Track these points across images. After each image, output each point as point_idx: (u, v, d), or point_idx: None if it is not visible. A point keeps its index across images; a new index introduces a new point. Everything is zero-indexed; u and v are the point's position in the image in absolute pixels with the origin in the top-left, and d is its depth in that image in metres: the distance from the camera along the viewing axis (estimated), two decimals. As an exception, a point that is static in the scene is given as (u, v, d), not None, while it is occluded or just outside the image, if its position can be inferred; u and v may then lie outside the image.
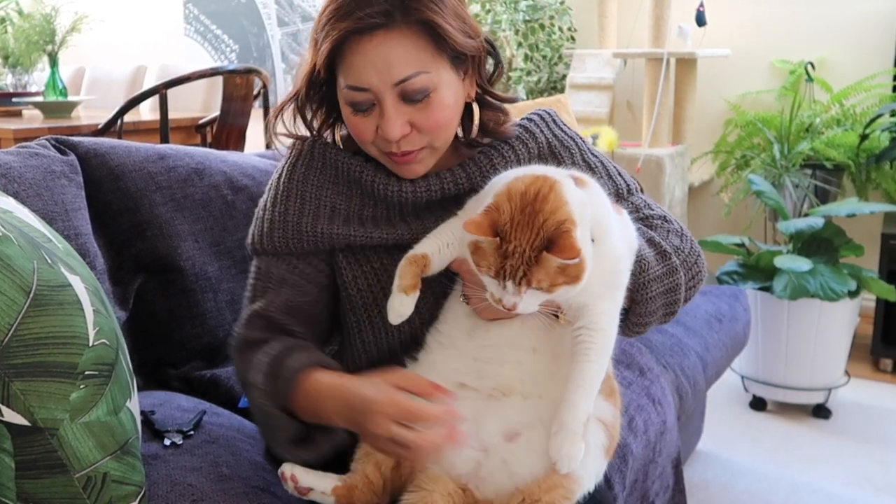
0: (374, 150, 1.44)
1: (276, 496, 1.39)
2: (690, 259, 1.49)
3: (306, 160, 1.51)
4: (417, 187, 1.46)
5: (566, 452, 1.23)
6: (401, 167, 1.44)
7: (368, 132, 1.39)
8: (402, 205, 1.47)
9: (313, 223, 1.45)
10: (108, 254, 1.92)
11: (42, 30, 4.49)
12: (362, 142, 1.43)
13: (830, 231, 3.31)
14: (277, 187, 1.50)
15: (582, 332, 1.27)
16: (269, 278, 1.46)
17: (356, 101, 1.37)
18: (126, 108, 3.74)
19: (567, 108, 2.98)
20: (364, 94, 1.36)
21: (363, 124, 1.39)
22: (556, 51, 4.70)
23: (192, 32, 6.62)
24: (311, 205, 1.47)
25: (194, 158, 2.13)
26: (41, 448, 1.07)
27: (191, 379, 2.00)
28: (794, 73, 4.29)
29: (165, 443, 1.49)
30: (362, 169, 1.47)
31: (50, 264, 1.15)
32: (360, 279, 1.46)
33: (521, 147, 1.53)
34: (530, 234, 1.19)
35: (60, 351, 1.09)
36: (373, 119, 1.38)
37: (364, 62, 1.33)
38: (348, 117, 1.41)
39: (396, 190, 1.45)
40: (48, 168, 1.79)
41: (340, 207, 1.47)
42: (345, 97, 1.39)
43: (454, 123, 1.45)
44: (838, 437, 3.20)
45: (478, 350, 1.34)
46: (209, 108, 4.82)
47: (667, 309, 1.43)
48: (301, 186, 1.48)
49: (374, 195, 1.47)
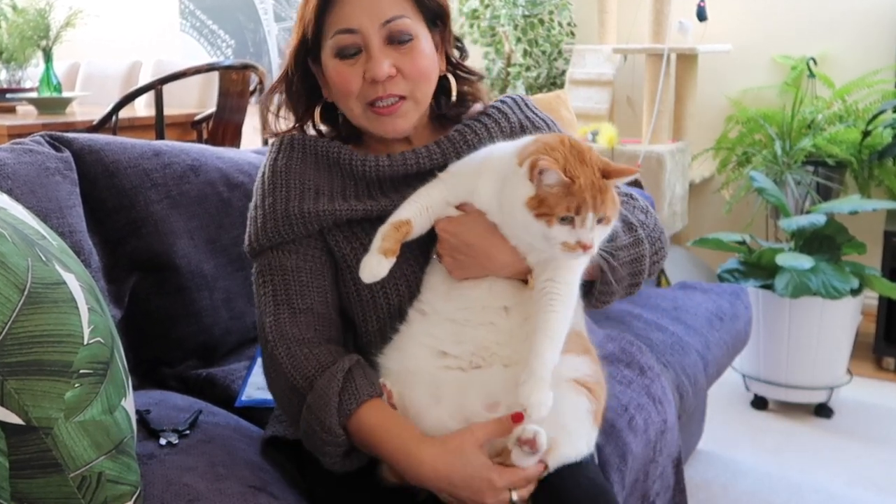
0: (357, 108, 1.50)
1: (274, 496, 1.39)
2: (654, 234, 1.55)
3: (286, 152, 1.57)
4: (394, 161, 1.52)
5: (535, 399, 1.27)
6: (384, 120, 1.50)
7: (355, 81, 1.47)
8: (380, 180, 1.53)
9: (299, 205, 1.50)
10: (103, 251, 1.92)
11: (36, 25, 4.49)
12: (346, 94, 1.49)
13: (832, 228, 3.31)
14: (263, 184, 1.56)
15: (547, 284, 1.34)
16: (284, 271, 1.50)
17: (344, 45, 1.46)
18: (121, 105, 3.73)
19: (567, 104, 2.98)
20: (352, 37, 1.45)
21: (350, 73, 1.47)
22: (556, 46, 4.70)
23: (187, 28, 6.61)
24: (296, 190, 1.52)
25: (190, 155, 2.13)
26: (35, 447, 1.07)
27: (186, 378, 2.00)
28: (795, 69, 4.29)
29: (161, 442, 1.49)
30: (340, 150, 1.54)
31: (44, 262, 1.15)
32: (353, 255, 1.50)
33: (493, 126, 1.59)
34: (589, 168, 1.29)
35: (55, 349, 1.09)
36: (359, 66, 1.47)
37: (353, 5, 1.45)
38: (335, 70, 1.49)
39: (374, 165, 1.52)
40: (42, 165, 1.79)
41: (323, 188, 1.53)
42: (332, 46, 1.47)
43: (434, 78, 1.53)
44: (840, 437, 3.20)
45: (454, 312, 1.42)
46: (205, 104, 4.82)
47: (632, 279, 1.50)
48: (284, 177, 1.54)
49: (353, 174, 1.54)
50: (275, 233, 1.50)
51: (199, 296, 2.04)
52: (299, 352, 1.43)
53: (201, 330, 2.04)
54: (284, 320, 1.46)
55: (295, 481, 1.52)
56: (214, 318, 2.06)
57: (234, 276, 2.12)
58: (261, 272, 1.53)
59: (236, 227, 2.13)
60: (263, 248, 1.52)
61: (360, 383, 1.38)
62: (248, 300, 2.14)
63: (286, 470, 1.55)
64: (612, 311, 2.50)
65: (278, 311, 1.47)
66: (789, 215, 3.40)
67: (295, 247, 1.51)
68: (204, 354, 2.06)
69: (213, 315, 2.06)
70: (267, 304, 1.49)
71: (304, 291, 1.49)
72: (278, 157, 1.57)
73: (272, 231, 1.50)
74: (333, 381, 1.38)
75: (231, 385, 1.94)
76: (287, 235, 1.50)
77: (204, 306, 2.04)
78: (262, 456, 1.55)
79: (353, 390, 1.38)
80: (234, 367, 2.03)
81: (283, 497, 1.41)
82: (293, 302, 1.47)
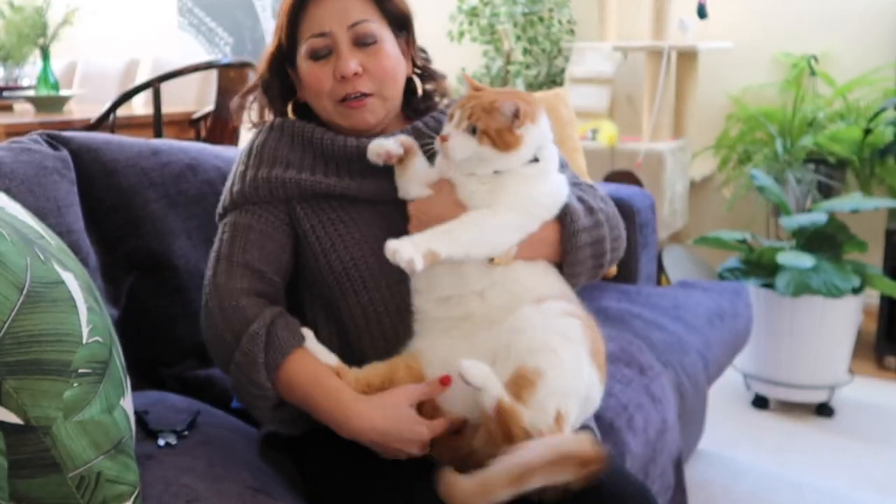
0: (329, 105, 1.62)
1: (272, 497, 1.40)
2: (613, 221, 1.64)
3: (266, 132, 1.69)
4: (361, 142, 1.60)
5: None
6: (353, 113, 1.61)
7: (326, 80, 1.59)
8: (349, 159, 1.62)
9: (267, 173, 1.61)
10: (101, 251, 1.92)
11: (33, 23, 4.48)
12: (319, 93, 1.62)
13: (834, 227, 3.32)
14: (239, 157, 1.69)
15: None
16: (236, 229, 1.60)
17: (317, 47, 1.60)
18: (119, 103, 3.73)
19: (566, 102, 2.98)
20: (324, 40, 1.59)
21: (322, 72, 1.60)
22: (556, 44, 4.70)
23: (185, 25, 6.61)
24: (267, 161, 1.63)
25: (188, 154, 2.13)
26: (34, 447, 1.07)
27: (184, 378, 2.00)
28: (796, 67, 4.29)
29: (160, 443, 1.49)
30: (313, 130, 1.64)
31: (43, 261, 1.15)
32: (319, 228, 1.59)
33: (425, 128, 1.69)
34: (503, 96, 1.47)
35: (54, 348, 1.09)
36: (330, 67, 1.59)
37: (324, 12, 1.59)
38: (308, 71, 1.61)
39: (342, 144, 1.62)
40: (40, 163, 1.79)
41: (294, 162, 1.63)
42: (306, 49, 1.61)
43: (399, 78, 1.66)
44: (842, 436, 3.21)
45: (436, 306, 1.51)
46: (203, 102, 4.81)
47: (595, 261, 1.59)
48: (260, 149, 1.65)
49: (323, 151, 1.63)
50: (239, 195, 1.61)
51: (198, 296, 2.02)
52: (228, 304, 1.53)
53: (199, 330, 2.04)
54: (221, 272, 1.56)
55: (294, 482, 1.53)
56: (213, 318, 2.06)
57: (233, 275, 2.12)
58: (218, 235, 1.63)
59: (235, 226, 2.13)
60: (227, 210, 1.63)
61: (282, 336, 1.49)
62: (246, 299, 2.13)
63: (285, 470, 1.55)
64: (611, 310, 2.51)
65: (217, 266, 1.58)
66: (790, 214, 3.40)
67: (254, 208, 1.60)
68: (202, 355, 2.06)
69: (211, 314, 2.06)
70: (211, 259, 1.61)
71: (246, 247, 1.57)
72: (259, 135, 1.70)
73: (237, 194, 1.61)
74: (257, 338, 1.47)
75: (229, 386, 1.94)
76: (250, 198, 1.60)
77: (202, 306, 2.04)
78: (260, 456, 1.55)
79: (277, 345, 1.47)
80: (232, 366, 2.03)
81: (281, 498, 1.41)
82: (233, 256, 1.57)
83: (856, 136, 3.92)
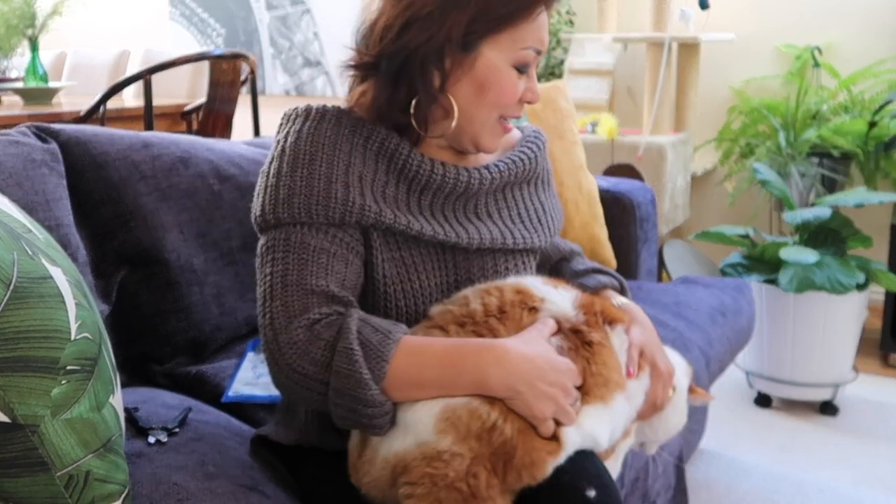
0: (493, 118, 1.49)
1: (265, 495, 1.39)
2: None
3: (332, 124, 1.45)
4: (447, 171, 1.48)
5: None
6: (501, 134, 1.52)
7: (519, 94, 1.48)
8: (423, 187, 1.47)
9: (344, 192, 1.40)
10: (91, 245, 1.92)
11: (22, 13, 4.48)
12: (502, 105, 1.48)
13: (838, 222, 3.32)
14: (296, 151, 1.43)
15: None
16: (304, 249, 1.38)
17: (528, 61, 1.47)
18: (109, 95, 3.73)
19: (565, 94, 2.97)
20: (536, 58, 1.48)
21: (519, 87, 1.48)
22: (554, 35, 4.70)
23: (177, 16, 6.60)
24: (340, 170, 1.42)
25: (180, 147, 2.13)
26: (21, 445, 1.07)
27: (176, 375, 2.00)
28: (800, 58, 4.29)
29: (150, 440, 1.49)
30: (399, 143, 1.46)
31: (30, 256, 1.14)
32: (390, 267, 1.45)
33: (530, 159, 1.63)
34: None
35: (41, 345, 1.09)
36: (522, 82, 1.48)
37: (540, 24, 1.47)
38: (510, 77, 1.46)
39: (428, 169, 1.46)
40: (28, 156, 1.79)
41: (367, 179, 1.43)
42: (517, 58, 1.46)
43: None
44: (846, 435, 3.21)
45: None
46: (195, 94, 4.82)
47: None
48: (329, 150, 1.42)
49: (399, 170, 1.46)
50: (304, 210, 1.39)
51: (189, 291, 2.04)
52: (303, 335, 1.32)
53: (191, 326, 2.04)
54: (293, 303, 1.35)
55: (286, 480, 1.52)
56: (204, 314, 2.06)
57: (225, 270, 2.12)
58: (271, 248, 1.40)
59: (227, 220, 2.13)
60: (282, 222, 1.40)
61: (376, 340, 1.31)
62: (239, 296, 2.14)
63: (277, 469, 1.55)
64: (612, 306, 2.50)
65: (286, 294, 1.35)
66: (793, 208, 3.40)
67: (326, 228, 1.40)
68: (194, 351, 2.06)
69: (203, 311, 2.06)
70: (275, 284, 1.37)
71: (320, 273, 1.37)
72: (322, 125, 1.45)
73: (301, 208, 1.39)
74: (353, 355, 1.29)
75: (221, 382, 1.94)
76: (319, 218, 1.39)
77: (194, 302, 2.04)
78: (251, 456, 1.55)
79: (376, 352, 1.30)
80: (224, 363, 2.03)
81: (274, 496, 1.41)
82: (306, 282, 1.36)
83: (860, 128, 3.92)
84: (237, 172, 2.19)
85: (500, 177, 1.55)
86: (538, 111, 2.80)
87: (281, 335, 1.33)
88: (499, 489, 1.24)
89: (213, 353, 2.11)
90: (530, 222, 1.61)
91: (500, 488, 1.25)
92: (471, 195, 1.51)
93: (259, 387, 1.92)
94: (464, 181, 1.49)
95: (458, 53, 1.43)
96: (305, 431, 1.52)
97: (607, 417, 1.36)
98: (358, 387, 1.28)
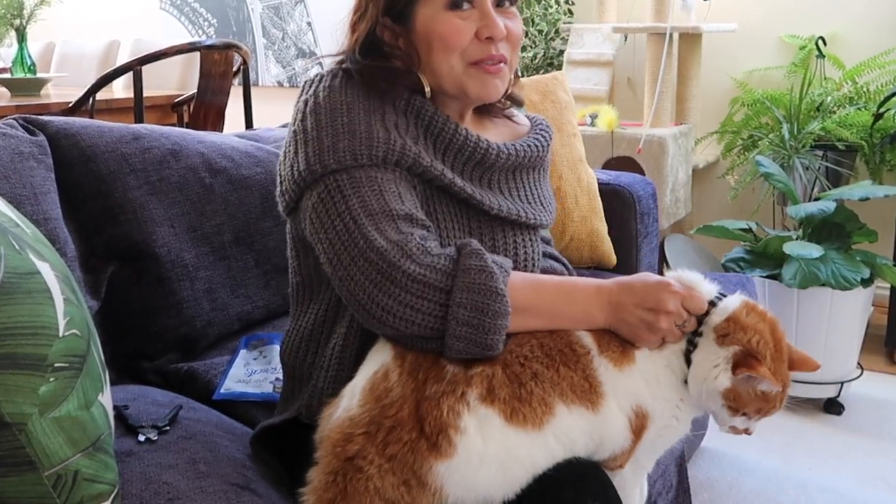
0: (460, 65, 1.49)
1: (257, 493, 1.39)
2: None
3: (359, 80, 1.49)
4: (469, 135, 1.52)
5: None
6: (488, 80, 1.50)
7: (466, 35, 1.47)
8: (447, 146, 1.51)
9: (385, 133, 1.43)
10: (79, 240, 1.92)
11: (9, 3, 4.47)
12: (452, 49, 1.48)
13: (842, 216, 3.32)
14: (332, 102, 1.46)
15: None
16: (372, 182, 1.39)
17: None
18: (98, 86, 3.73)
19: (564, 85, 2.97)
20: None
21: (463, 26, 1.47)
22: (553, 25, 4.69)
23: (167, 6, 6.59)
24: (377, 117, 1.45)
25: (170, 139, 2.13)
26: (8, 444, 1.07)
27: (166, 372, 2.00)
28: (804, 49, 4.29)
29: (140, 439, 1.49)
30: (423, 102, 1.51)
31: (17, 250, 1.14)
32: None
33: (540, 147, 1.67)
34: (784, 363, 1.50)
35: (29, 342, 1.08)
36: (470, 23, 1.47)
37: None
38: (446, 22, 1.47)
39: (452, 129, 1.50)
40: (16, 149, 1.79)
41: (402, 127, 1.47)
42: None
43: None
44: (851, 434, 3.22)
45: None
46: (186, 85, 4.81)
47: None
48: (364, 100, 1.46)
49: (426, 127, 1.50)
50: (349, 154, 1.40)
51: (180, 286, 2.04)
52: (417, 248, 1.33)
53: (182, 322, 2.04)
54: (386, 227, 1.35)
55: (280, 478, 1.52)
56: (196, 310, 2.06)
57: (217, 265, 2.12)
58: (333, 192, 1.39)
59: (218, 214, 2.13)
60: (329, 170, 1.40)
61: (499, 259, 1.37)
62: (231, 291, 2.14)
63: (271, 466, 1.55)
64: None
65: (375, 220, 1.35)
66: (797, 202, 3.40)
67: (388, 167, 1.42)
68: (185, 347, 2.06)
69: (194, 306, 2.06)
70: (356, 217, 1.36)
71: (398, 200, 1.39)
72: (338, 80, 1.49)
73: (346, 152, 1.40)
74: (477, 254, 1.33)
75: (213, 379, 1.94)
76: (364, 160, 1.40)
77: (185, 297, 2.04)
78: (250, 448, 1.55)
79: (501, 266, 1.35)
80: (215, 360, 2.03)
81: (266, 495, 1.41)
82: (391, 208, 1.37)
83: (865, 120, 3.92)
84: (229, 165, 2.19)
85: (515, 156, 1.58)
86: (537, 103, 2.79)
87: (389, 253, 1.32)
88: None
89: (205, 349, 2.11)
90: (539, 204, 1.65)
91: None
92: (487, 166, 1.55)
93: (251, 384, 1.92)
94: (483, 148, 1.53)
95: (397, 27, 1.51)
96: (308, 406, 1.51)
97: (587, 424, 1.32)
98: (489, 278, 1.31)
